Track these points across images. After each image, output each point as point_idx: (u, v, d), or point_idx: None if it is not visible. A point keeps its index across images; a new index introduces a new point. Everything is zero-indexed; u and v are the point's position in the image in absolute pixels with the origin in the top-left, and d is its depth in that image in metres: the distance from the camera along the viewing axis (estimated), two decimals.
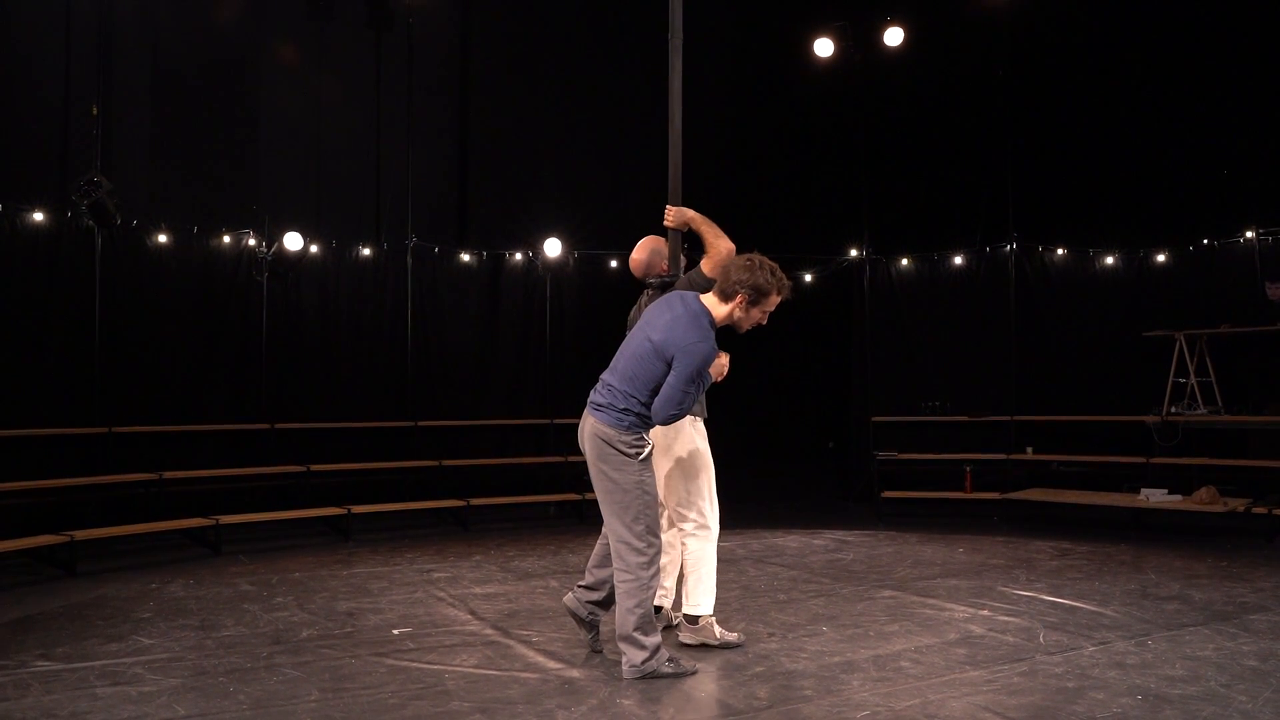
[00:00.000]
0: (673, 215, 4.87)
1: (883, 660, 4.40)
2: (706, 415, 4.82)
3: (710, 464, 4.76)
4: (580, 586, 4.56)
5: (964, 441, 9.63)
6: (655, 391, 4.10)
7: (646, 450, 4.18)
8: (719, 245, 4.69)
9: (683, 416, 4.20)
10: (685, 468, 4.66)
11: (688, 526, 4.69)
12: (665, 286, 4.72)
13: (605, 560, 4.42)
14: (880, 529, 8.63)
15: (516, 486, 9.58)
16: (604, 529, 4.39)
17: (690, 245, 4.95)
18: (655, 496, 4.21)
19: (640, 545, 4.12)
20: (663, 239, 4.95)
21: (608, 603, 4.47)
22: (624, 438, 4.13)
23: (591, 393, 4.31)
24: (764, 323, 4.35)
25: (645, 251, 4.93)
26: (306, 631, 5.04)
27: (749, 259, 4.24)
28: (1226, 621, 5.05)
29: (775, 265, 4.26)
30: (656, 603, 4.90)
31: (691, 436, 4.69)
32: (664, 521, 4.84)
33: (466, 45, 10.32)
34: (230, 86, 9.04)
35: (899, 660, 4.40)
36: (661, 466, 4.67)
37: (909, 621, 5.15)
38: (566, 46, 10.39)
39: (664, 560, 4.87)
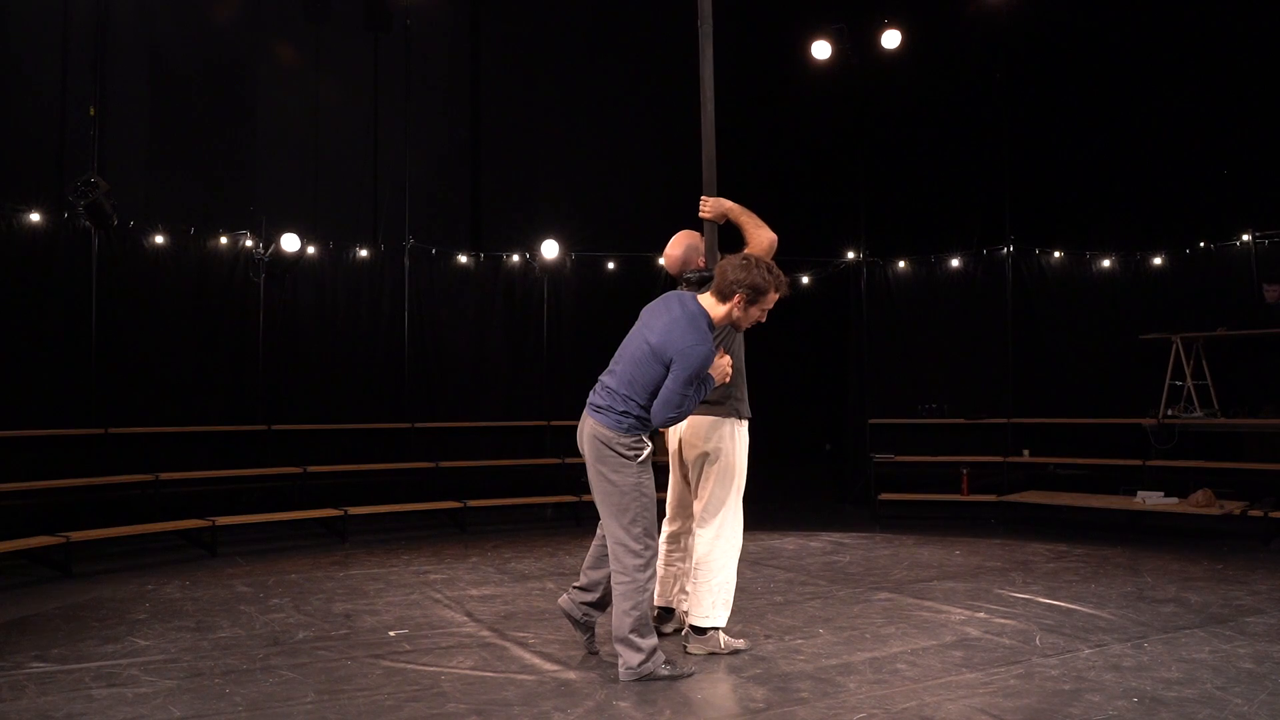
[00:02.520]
0: (709, 206, 4.72)
1: (879, 662, 4.40)
2: (750, 415, 4.66)
3: (744, 473, 4.62)
4: (575, 588, 4.54)
5: (961, 444, 9.63)
6: (654, 394, 4.09)
7: (645, 452, 4.18)
8: (760, 236, 4.57)
9: (682, 419, 4.19)
10: (721, 474, 4.54)
11: (705, 533, 4.57)
12: (703, 282, 4.57)
13: (599, 562, 4.41)
14: (877, 531, 8.63)
15: (513, 488, 9.57)
16: (598, 530, 4.38)
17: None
18: (653, 499, 4.20)
19: (637, 548, 4.11)
20: (698, 233, 4.79)
21: (602, 604, 4.46)
22: (623, 440, 4.13)
23: (590, 394, 4.30)
24: (763, 320, 4.33)
25: (681, 247, 4.78)
26: (303, 633, 5.03)
27: (744, 258, 4.22)
28: (1222, 624, 5.06)
29: (772, 263, 4.25)
30: (673, 605, 4.88)
31: (735, 441, 4.56)
32: (692, 524, 4.73)
33: (464, 47, 10.32)
34: (228, 87, 9.03)
35: (895, 662, 4.40)
36: (698, 468, 4.58)
37: (905, 624, 5.15)
38: (565, 48, 10.40)
39: (689, 564, 4.82)
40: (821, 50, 9.98)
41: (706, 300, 4.23)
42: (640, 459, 4.15)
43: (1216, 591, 5.89)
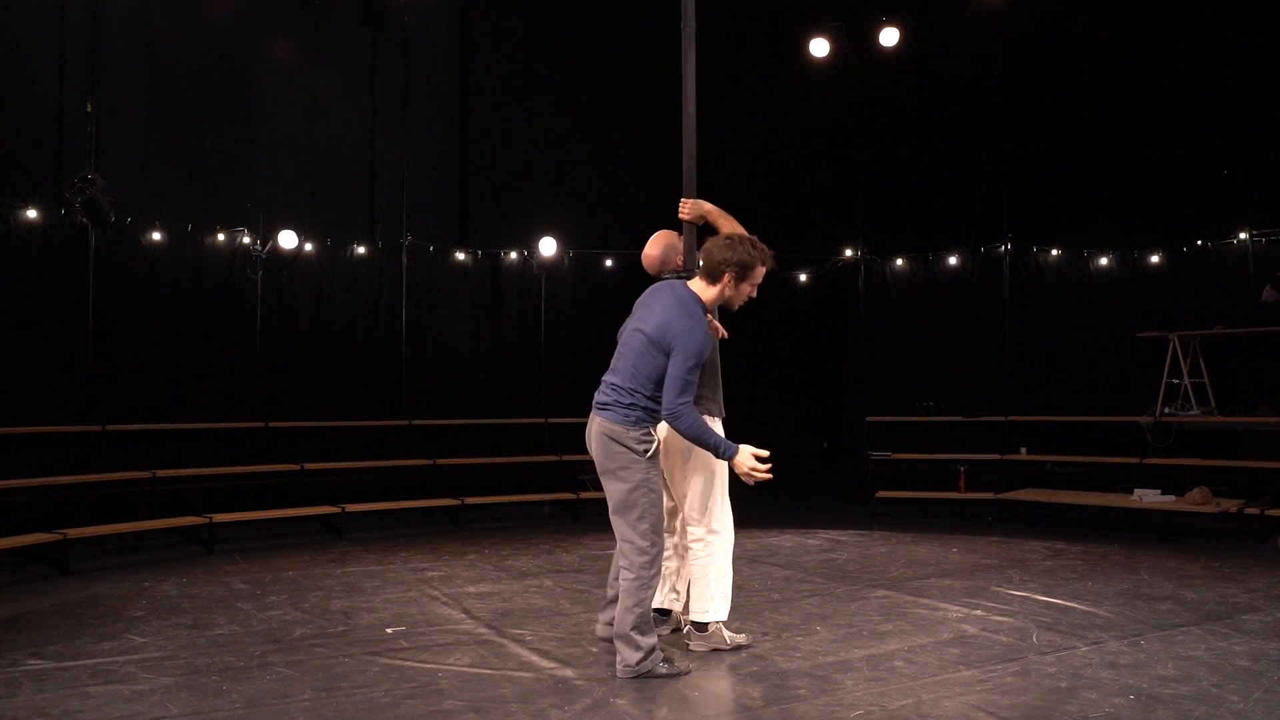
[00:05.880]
0: (688, 208, 4.77)
1: (876, 660, 4.41)
2: (725, 415, 4.70)
3: (725, 467, 4.61)
4: (607, 605, 4.49)
5: (958, 442, 9.63)
6: (658, 383, 4.09)
7: (653, 446, 4.16)
8: None
9: (687, 419, 4.11)
10: (701, 469, 4.56)
11: (698, 530, 4.59)
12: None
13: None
14: (874, 529, 8.64)
15: (511, 486, 9.57)
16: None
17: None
18: (660, 495, 4.19)
19: (644, 544, 4.10)
20: (676, 233, 4.83)
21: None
22: (632, 433, 4.12)
23: (595, 395, 4.30)
24: (754, 296, 4.36)
25: (659, 247, 4.81)
26: (300, 630, 5.03)
27: (727, 237, 4.28)
28: (1219, 622, 5.07)
29: (755, 238, 4.29)
30: (667, 606, 4.87)
31: None
32: (676, 524, 4.78)
33: (462, 44, 10.31)
34: (225, 84, 9.01)
35: (893, 660, 4.41)
36: (678, 467, 4.59)
37: (903, 621, 5.15)
38: (563, 46, 10.39)
39: (675, 564, 4.81)
40: (820, 48, 10.00)
41: (697, 285, 4.27)
42: (649, 454, 4.14)
43: (1213, 589, 5.90)
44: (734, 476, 4.71)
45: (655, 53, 9.96)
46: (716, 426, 4.65)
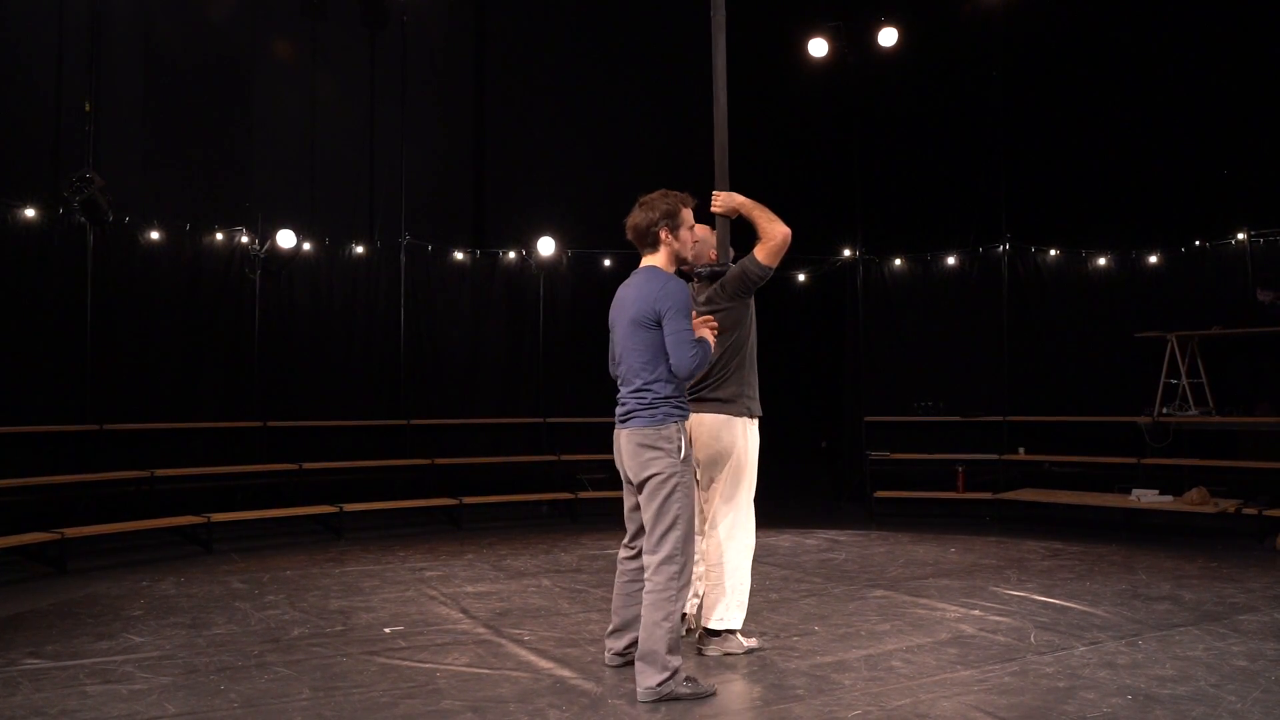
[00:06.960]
0: (721, 201, 4.64)
1: (874, 660, 4.41)
2: (761, 414, 4.62)
3: (754, 472, 4.57)
4: (614, 632, 4.33)
5: (956, 442, 9.64)
6: (666, 360, 3.95)
7: (684, 443, 4.00)
8: (773, 229, 4.49)
9: (703, 358, 3.98)
10: (732, 471, 4.49)
11: (719, 534, 4.51)
12: (716, 275, 4.53)
13: (627, 600, 4.26)
14: (873, 529, 8.64)
15: (509, 485, 9.57)
16: (620, 565, 4.30)
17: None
18: (694, 501, 4.05)
19: (672, 552, 3.93)
20: (708, 227, 4.72)
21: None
22: (663, 432, 3.95)
23: (616, 411, 4.15)
24: (698, 241, 4.34)
25: None
26: (298, 630, 5.03)
27: (639, 204, 4.19)
28: (1216, 622, 5.07)
29: (664, 190, 4.19)
30: (684, 610, 4.79)
31: (746, 439, 4.51)
32: (705, 528, 4.66)
33: (461, 43, 10.31)
34: (224, 83, 9.01)
35: (891, 660, 4.41)
36: (704, 473, 4.52)
37: (901, 621, 5.16)
38: (562, 44, 10.39)
39: (701, 569, 4.75)
40: (818, 48, 10.00)
41: (646, 259, 4.17)
42: (683, 455, 3.97)
43: (1211, 589, 5.91)
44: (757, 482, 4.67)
45: (656, 53, 10.01)
46: (754, 429, 4.59)
